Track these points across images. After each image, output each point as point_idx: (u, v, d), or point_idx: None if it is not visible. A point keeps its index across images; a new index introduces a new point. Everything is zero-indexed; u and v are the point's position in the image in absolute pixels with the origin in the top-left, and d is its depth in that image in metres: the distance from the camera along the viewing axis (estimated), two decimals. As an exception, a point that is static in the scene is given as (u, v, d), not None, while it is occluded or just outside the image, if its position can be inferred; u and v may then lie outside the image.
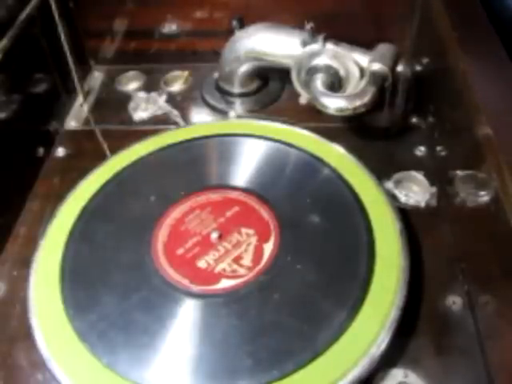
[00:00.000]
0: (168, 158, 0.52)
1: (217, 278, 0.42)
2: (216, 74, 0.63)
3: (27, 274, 0.43)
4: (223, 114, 0.60)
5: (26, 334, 0.41)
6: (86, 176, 0.50)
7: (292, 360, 0.36)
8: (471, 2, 0.53)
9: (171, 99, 0.64)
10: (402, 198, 0.50)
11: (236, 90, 0.61)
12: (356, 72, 0.53)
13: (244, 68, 0.58)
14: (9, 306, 0.45)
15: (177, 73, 0.67)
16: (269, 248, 0.43)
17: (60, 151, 0.59)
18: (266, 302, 0.40)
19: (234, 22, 0.57)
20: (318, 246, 0.43)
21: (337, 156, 0.50)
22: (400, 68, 0.53)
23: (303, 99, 0.57)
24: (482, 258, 0.42)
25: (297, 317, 0.40)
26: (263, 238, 0.44)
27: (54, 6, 0.60)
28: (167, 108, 0.62)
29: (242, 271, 0.42)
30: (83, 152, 0.59)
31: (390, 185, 0.51)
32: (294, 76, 0.55)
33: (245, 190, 0.48)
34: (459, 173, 0.46)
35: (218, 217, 0.46)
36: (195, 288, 0.41)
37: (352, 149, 0.50)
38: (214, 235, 0.44)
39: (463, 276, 0.44)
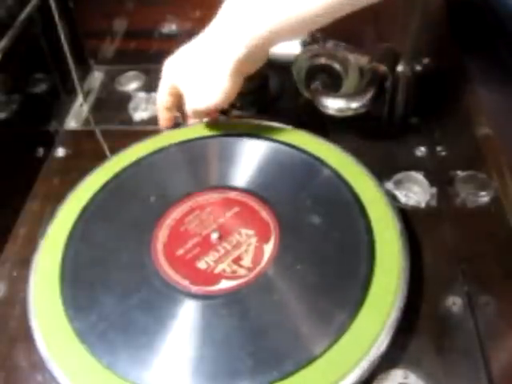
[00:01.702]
0: (168, 158, 0.52)
1: (217, 278, 0.42)
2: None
3: (27, 275, 0.43)
4: (223, 114, 0.60)
5: (25, 335, 0.41)
6: (85, 176, 0.50)
7: (292, 361, 0.36)
8: (471, 2, 0.53)
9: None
10: (402, 199, 0.50)
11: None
12: (356, 72, 0.53)
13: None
14: (9, 306, 0.45)
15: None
16: (269, 249, 0.43)
17: (60, 151, 0.59)
18: (266, 302, 0.40)
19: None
20: (318, 247, 0.43)
21: (337, 156, 0.50)
22: (400, 68, 0.53)
23: (303, 99, 0.57)
24: (482, 258, 0.42)
25: (297, 317, 0.40)
26: (263, 239, 0.44)
27: (53, 6, 0.60)
28: None
29: (241, 272, 0.42)
30: (83, 152, 0.59)
31: (390, 185, 0.51)
32: (294, 76, 0.55)
33: (245, 191, 0.48)
34: (459, 173, 0.46)
35: (218, 217, 0.46)
36: (195, 289, 0.41)
37: (352, 149, 0.50)
38: (214, 236, 0.44)
39: (463, 276, 0.44)
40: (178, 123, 0.58)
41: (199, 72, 0.46)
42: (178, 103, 0.52)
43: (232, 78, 0.45)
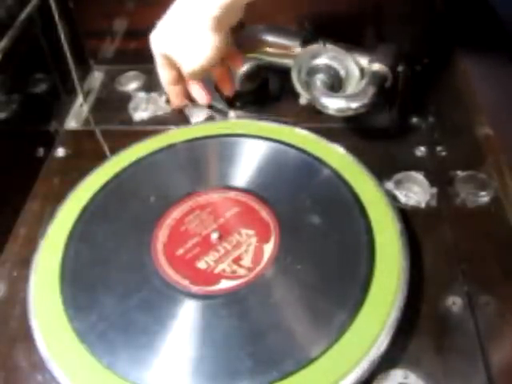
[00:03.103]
0: (168, 158, 0.52)
1: (217, 278, 0.42)
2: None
3: (27, 275, 0.43)
4: (223, 114, 0.60)
5: (25, 335, 0.41)
6: (85, 176, 0.50)
7: (292, 361, 0.36)
8: (471, 2, 0.53)
9: (171, 99, 0.64)
10: (403, 199, 0.50)
11: (236, 89, 0.61)
12: (356, 72, 0.53)
13: (244, 68, 0.58)
14: (9, 306, 0.45)
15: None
16: (269, 249, 0.43)
17: (60, 151, 0.59)
18: (265, 302, 0.40)
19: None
20: (318, 247, 0.43)
21: (337, 156, 0.50)
22: (400, 68, 0.53)
23: (303, 99, 0.57)
24: (482, 258, 0.42)
25: (297, 318, 0.40)
26: (263, 239, 0.44)
27: (54, 6, 0.60)
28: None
29: (241, 272, 0.42)
30: (83, 152, 0.59)
31: (390, 185, 0.50)
32: (294, 76, 0.55)
33: (245, 191, 0.48)
34: (459, 173, 0.46)
35: (218, 217, 0.46)
36: (195, 289, 0.41)
37: (352, 149, 0.50)
38: (214, 236, 0.44)
39: (463, 276, 0.44)
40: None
41: (183, 35, 0.47)
42: (179, 75, 0.53)
43: (215, 33, 0.46)
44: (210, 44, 0.46)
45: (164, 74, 0.52)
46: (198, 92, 0.54)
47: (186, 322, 0.40)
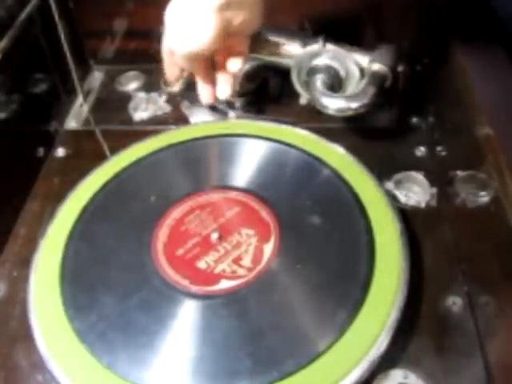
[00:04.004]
0: (168, 158, 0.52)
1: (217, 278, 0.42)
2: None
3: (27, 275, 0.43)
4: (223, 114, 0.60)
5: (25, 335, 0.41)
6: (85, 176, 0.50)
7: (292, 361, 0.36)
8: (471, 2, 0.53)
9: (171, 99, 0.64)
10: (402, 199, 0.50)
11: (236, 89, 0.61)
12: (356, 72, 0.53)
13: (244, 68, 0.58)
14: (9, 306, 0.45)
15: (177, 73, 0.67)
16: (269, 248, 0.43)
17: (60, 151, 0.59)
18: (265, 302, 0.40)
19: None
20: (318, 247, 0.43)
21: (337, 156, 0.50)
22: (400, 68, 0.53)
23: (303, 99, 0.57)
24: (482, 258, 0.42)
25: (297, 318, 0.40)
26: (263, 239, 0.44)
27: (53, 6, 0.60)
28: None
29: (241, 272, 0.42)
30: (83, 152, 0.59)
31: (390, 185, 0.51)
32: (294, 76, 0.55)
33: (245, 191, 0.48)
34: (459, 173, 0.46)
35: (218, 217, 0.46)
36: (195, 289, 0.41)
37: (352, 149, 0.50)
38: (214, 236, 0.44)
39: (463, 276, 0.44)
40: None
41: (184, 13, 0.46)
42: None
43: (215, 18, 0.45)
44: (208, 28, 0.45)
45: (166, 44, 0.51)
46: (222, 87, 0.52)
47: (185, 321, 0.40)
